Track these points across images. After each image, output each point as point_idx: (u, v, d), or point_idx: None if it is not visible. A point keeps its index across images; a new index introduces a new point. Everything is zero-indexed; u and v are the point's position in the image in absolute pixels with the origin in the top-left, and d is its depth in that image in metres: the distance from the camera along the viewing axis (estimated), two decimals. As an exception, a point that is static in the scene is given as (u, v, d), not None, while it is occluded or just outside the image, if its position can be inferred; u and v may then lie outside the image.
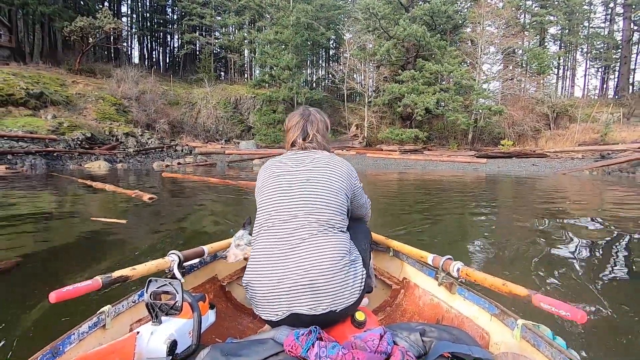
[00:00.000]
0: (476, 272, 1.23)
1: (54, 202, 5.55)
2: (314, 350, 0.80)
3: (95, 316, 1.01)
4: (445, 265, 1.36)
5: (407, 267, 1.72)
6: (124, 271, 1.13)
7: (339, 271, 1.08)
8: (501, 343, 1.08)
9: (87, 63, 24.87)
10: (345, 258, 1.11)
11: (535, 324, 1.00)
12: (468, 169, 15.55)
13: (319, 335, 0.87)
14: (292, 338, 0.85)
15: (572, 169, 13.19)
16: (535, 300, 0.97)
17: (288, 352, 0.83)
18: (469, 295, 1.28)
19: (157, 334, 0.94)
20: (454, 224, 4.53)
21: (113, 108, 19.54)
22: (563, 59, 34.48)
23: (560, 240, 3.47)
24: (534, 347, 0.94)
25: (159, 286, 0.97)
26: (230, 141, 23.23)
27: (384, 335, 0.86)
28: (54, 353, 0.85)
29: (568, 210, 5.54)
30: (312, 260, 1.07)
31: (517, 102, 23.83)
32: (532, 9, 30.05)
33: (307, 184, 1.18)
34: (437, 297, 1.45)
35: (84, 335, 0.95)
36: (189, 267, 1.45)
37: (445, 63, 20.07)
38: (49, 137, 13.95)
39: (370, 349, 0.83)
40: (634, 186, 9.47)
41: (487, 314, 1.17)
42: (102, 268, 2.45)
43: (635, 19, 29.60)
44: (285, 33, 22.98)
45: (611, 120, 22.54)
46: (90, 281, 1.02)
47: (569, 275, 2.50)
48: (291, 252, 1.09)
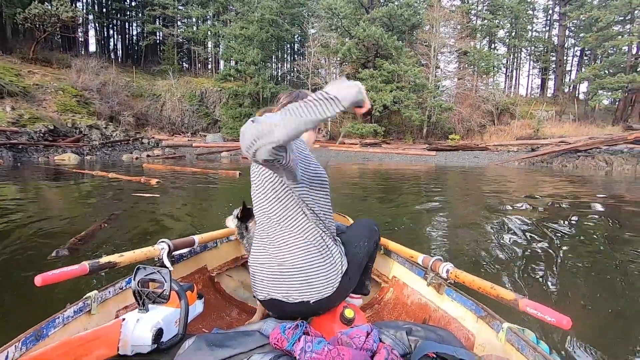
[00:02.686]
0: (465, 274, 1.25)
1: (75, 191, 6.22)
2: (300, 345, 0.79)
3: (81, 301, 1.01)
4: (435, 266, 1.38)
5: (397, 266, 1.73)
6: (111, 257, 1.13)
7: (306, 263, 1.10)
8: (486, 345, 1.09)
9: (43, 52, 23.91)
10: (314, 251, 1.11)
11: (520, 327, 1.01)
12: (420, 161, 17.27)
13: (306, 330, 0.86)
14: (278, 331, 0.84)
15: (503, 160, 15.25)
16: (522, 305, 0.98)
17: (274, 345, 0.82)
18: (456, 296, 1.29)
19: (143, 322, 0.94)
20: (408, 207, 5.47)
21: (74, 100, 19.21)
22: (509, 60, 37.68)
23: (497, 219, 4.35)
24: (518, 351, 0.95)
25: (147, 274, 0.98)
26: (196, 134, 23.56)
27: (371, 333, 0.86)
28: (37, 336, 0.85)
29: (502, 192, 7.08)
30: (282, 251, 1.11)
31: (466, 99, 26.13)
32: (483, 13, 32.67)
33: (257, 181, 1.18)
34: (425, 297, 1.46)
35: (68, 320, 0.94)
36: (178, 257, 1.46)
37: (402, 63, 21.71)
38: (10, 129, 13.82)
39: (356, 345, 0.82)
40: (550, 173, 11.47)
41: (473, 315, 1.18)
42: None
43: (569, 26, 33.01)
44: (251, 29, 23.52)
45: (545, 118, 25.42)
46: (77, 266, 1.02)
47: (503, 258, 2.87)
48: (272, 237, 1.14)
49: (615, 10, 20.28)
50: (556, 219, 4.48)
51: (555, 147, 14.77)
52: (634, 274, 2.59)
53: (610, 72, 22.83)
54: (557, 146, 14.84)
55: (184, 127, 23.94)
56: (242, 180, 7.88)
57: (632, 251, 3.11)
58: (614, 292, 2.33)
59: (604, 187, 8.37)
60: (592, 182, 9.31)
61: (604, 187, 8.36)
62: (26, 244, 2.84)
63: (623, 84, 20.40)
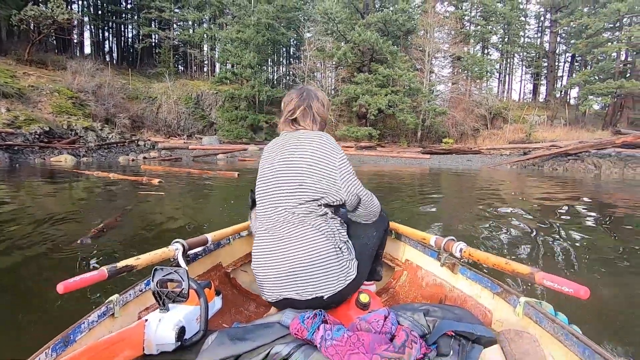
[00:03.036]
0: (479, 252, 1.24)
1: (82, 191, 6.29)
2: (320, 333, 0.80)
3: (104, 305, 1.03)
4: (448, 246, 1.38)
5: (409, 249, 1.75)
6: (128, 261, 1.15)
7: (318, 259, 1.09)
8: (504, 320, 1.09)
9: (38, 53, 23.86)
10: (325, 246, 1.11)
11: (537, 301, 1.01)
12: (414, 163, 17.50)
13: (324, 318, 0.87)
14: (297, 321, 0.85)
15: (496, 163, 15.53)
16: (538, 278, 0.98)
17: (294, 335, 0.84)
18: (471, 274, 1.30)
19: (165, 321, 0.96)
20: (405, 206, 5.69)
21: (70, 102, 19.20)
22: (502, 65, 38.30)
23: (493, 218, 4.56)
24: (536, 324, 0.96)
25: (165, 274, 1.00)
26: (192, 136, 23.61)
27: (388, 316, 0.87)
28: (65, 342, 0.87)
29: (495, 194, 7.31)
30: (292, 249, 1.11)
31: (459, 104, 26.52)
32: (476, 19, 33.25)
33: (285, 165, 1.18)
34: (440, 278, 1.47)
35: (93, 324, 0.97)
36: (193, 255, 1.49)
37: (396, 67, 22.01)
38: (6, 131, 13.80)
39: (375, 329, 0.83)
40: (541, 176, 11.73)
41: (489, 292, 1.19)
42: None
43: (560, 32, 33.66)
44: (247, 32, 23.70)
45: (537, 122, 25.90)
46: (96, 272, 1.05)
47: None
48: (278, 237, 1.14)
49: (604, 18, 20.80)
50: (550, 216, 4.68)
51: (546, 150, 15.09)
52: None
53: (600, 77, 23.38)
54: (547, 150, 15.16)
55: (180, 130, 23.99)
56: (241, 180, 8.10)
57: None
58: (625, 271, 2.43)
59: (595, 188, 8.62)
60: (583, 184, 9.57)
61: (595, 188, 8.61)
62: (46, 238, 3.01)
63: (612, 90, 20.88)
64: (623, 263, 2.60)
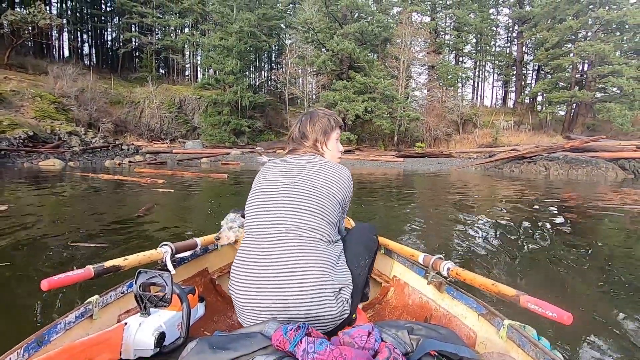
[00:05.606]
0: (466, 272, 1.25)
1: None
2: (302, 346, 0.80)
3: (83, 306, 1.01)
4: (435, 265, 1.37)
5: (398, 265, 1.74)
6: (116, 261, 1.14)
7: (314, 295, 1.03)
8: (487, 342, 1.10)
9: (17, 57, 23.83)
10: (324, 281, 1.05)
11: (521, 324, 1.01)
12: (388, 166, 18.67)
13: (307, 331, 0.86)
14: (280, 333, 0.84)
15: (461, 166, 16.88)
16: (523, 301, 0.99)
17: (276, 347, 0.83)
18: (457, 294, 1.30)
19: (145, 326, 0.95)
20: (382, 207, 6.28)
21: (52, 106, 19.41)
22: (475, 73, 40.45)
23: (463, 215, 5.17)
24: (519, 347, 0.96)
25: (149, 278, 0.99)
26: (175, 141, 24.11)
27: (372, 332, 0.87)
28: (39, 342, 0.86)
29: (462, 192, 8.47)
30: (286, 279, 1.04)
31: (433, 110, 28.04)
32: (450, 31, 35.17)
33: (289, 188, 1.14)
34: (426, 296, 1.46)
35: (70, 325, 0.95)
36: (179, 260, 1.47)
37: (373, 76, 23.28)
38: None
39: (358, 345, 0.83)
40: (501, 177, 13.07)
41: (474, 313, 1.19)
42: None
43: (526, 43, 35.92)
44: (230, 40, 24.47)
45: (505, 127, 27.67)
46: (82, 270, 1.04)
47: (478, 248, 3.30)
48: (269, 264, 1.06)
49: (559, 33, 22.72)
50: (510, 214, 5.39)
51: (505, 154, 16.55)
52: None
53: (559, 86, 25.39)
54: (507, 153, 16.62)
55: (163, 134, 24.44)
56: (231, 181, 9.29)
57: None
58: (609, 285, 2.51)
59: (546, 187, 9.91)
60: (537, 183, 10.88)
61: (545, 188, 9.90)
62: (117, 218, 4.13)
63: (566, 98, 22.81)
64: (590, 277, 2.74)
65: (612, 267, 2.95)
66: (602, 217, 5.36)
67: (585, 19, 21.40)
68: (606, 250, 3.54)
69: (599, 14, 20.66)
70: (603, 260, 3.16)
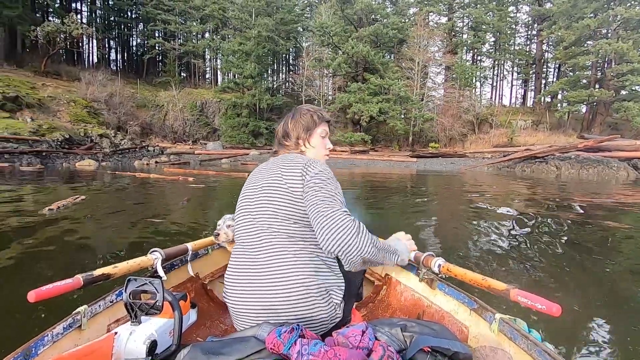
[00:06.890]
0: (457, 268, 1.27)
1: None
2: (296, 348, 0.80)
3: (70, 317, 0.99)
4: (427, 262, 1.38)
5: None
6: (105, 269, 1.13)
7: (302, 299, 1.03)
8: (480, 336, 1.11)
9: (52, 65, 25.59)
10: (309, 284, 1.04)
11: (512, 317, 1.03)
12: (402, 166, 19.07)
13: (301, 333, 0.86)
14: (274, 335, 0.84)
15: (473, 165, 17.11)
16: (513, 295, 1.01)
17: (270, 350, 0.83)
18: (449, 290, 1.32)
19: (137, 334, 0.94)
20: (396, 205, 6.54)
21: (85, 111, 20.84)
22: (493, 72, 40.02)
23: (476, 214, 5.27)
24: (511, 340, 0.98)
25: (139, 285, 0.97)
26: (197, 142, 25.28)
27: (366, 331, 0.87)
28: (26, 355, 0.84)
29: (474, 191, 8.86)
30: (272, 286, 1.04)
31: (448, 110, 28.12)
32: (467, 30, 35.03)
33: (264, 190, 1.12)
34: (419, 293, 1.48)
35: (58, 337, 0.93)
36: (169, 266, 1.46)
37: (387, 77, 23.70)
38: (32, 138, 15.40)
39: (352, 344, 0.84)
40: (513, 176, 13.34)
41: (466, 308, 1.21)
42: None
43: (546, 41, 35.34)
44: (248, 45, 25.42)
45: (522, 127, 27.43)
46: (70, 280, 1.01)
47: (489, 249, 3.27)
48: (255, 271, 1.07)
49: (576, 32, 22.46)
50: (519, 211, 5.53)
51: (518, 154, 16.67)
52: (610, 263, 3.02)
53: (580, 84, 24.99)
54: (520, 153, 16.73)
55: (186, 136, 25.66)
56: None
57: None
58: (599, 280, 2.57)
59: (559, 187, 10.18)
60: (548, 183, 11.10)
61: (558, 187, 10.17)
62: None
63: (583, 98, 22.51)
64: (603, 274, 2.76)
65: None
66: (618, 214, 5.51)
67: (604, 17, 21.09)
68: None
69: (617, 12, 20.35)
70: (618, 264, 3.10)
